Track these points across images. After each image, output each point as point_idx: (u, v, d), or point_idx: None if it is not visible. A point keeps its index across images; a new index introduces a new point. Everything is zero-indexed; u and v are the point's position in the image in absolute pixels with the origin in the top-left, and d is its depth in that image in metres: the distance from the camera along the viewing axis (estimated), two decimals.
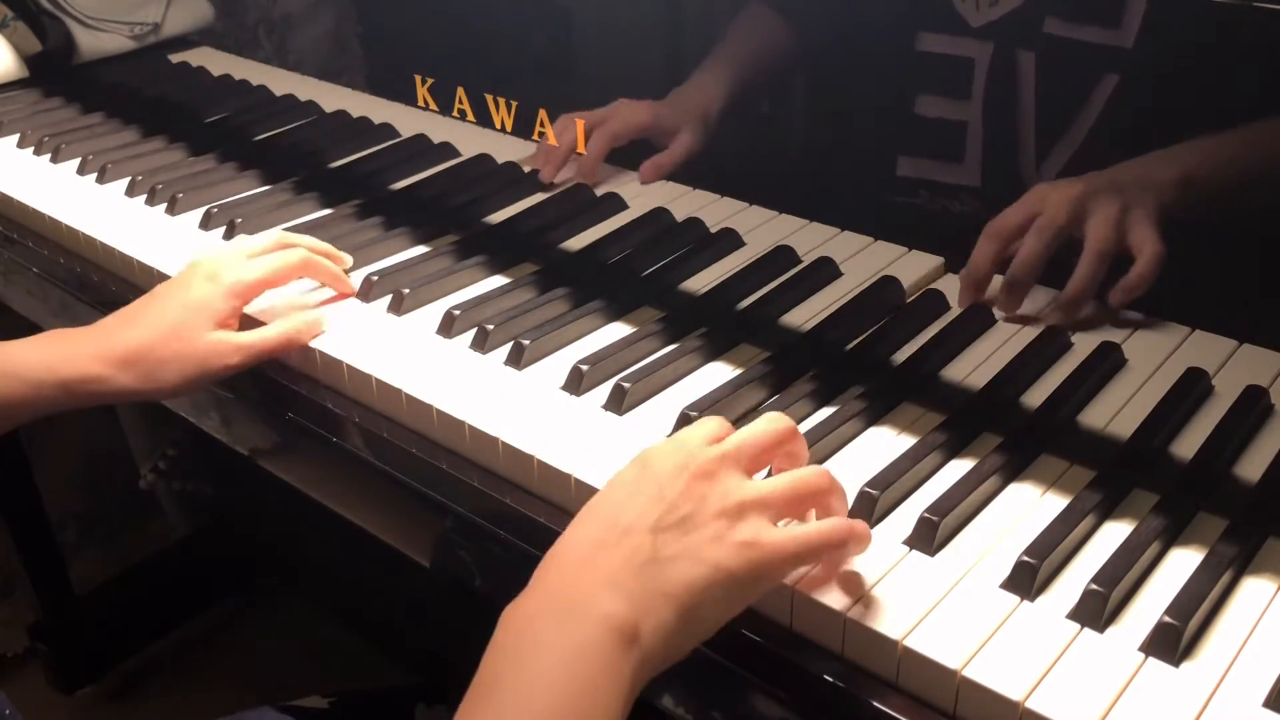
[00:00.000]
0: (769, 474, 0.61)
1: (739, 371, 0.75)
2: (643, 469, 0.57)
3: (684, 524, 0.54)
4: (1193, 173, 0.72)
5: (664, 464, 0.56)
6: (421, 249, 0.95)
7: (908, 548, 0.60)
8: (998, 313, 0.81)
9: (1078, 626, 0.55)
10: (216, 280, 0.80)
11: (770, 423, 0.59)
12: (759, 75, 0.95)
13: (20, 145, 1.19)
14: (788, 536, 0.55)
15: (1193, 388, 0.72)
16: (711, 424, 0.60)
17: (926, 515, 0.60)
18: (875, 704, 0.55)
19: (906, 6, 0.83)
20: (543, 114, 1.01)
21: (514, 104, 1.03)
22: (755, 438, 0.58)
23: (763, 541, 0.54)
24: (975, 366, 0.76)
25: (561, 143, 1.02)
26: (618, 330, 0.82)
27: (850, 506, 0.63)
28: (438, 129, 1.14)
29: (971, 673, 0.53)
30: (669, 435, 0.69)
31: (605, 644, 0.50)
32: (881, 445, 0.69)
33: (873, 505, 0.62)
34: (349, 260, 0.89)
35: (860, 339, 0.79)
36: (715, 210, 0.97)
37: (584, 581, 0.52)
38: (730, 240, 0.93)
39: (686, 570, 0.52)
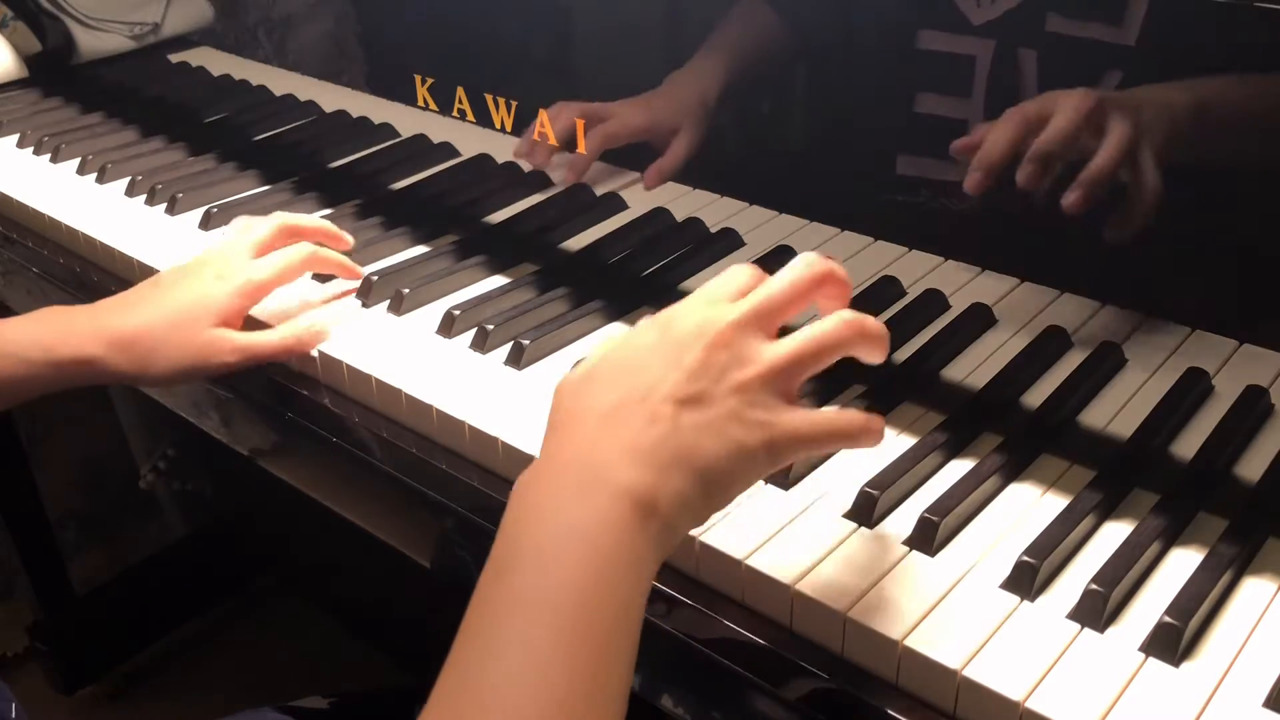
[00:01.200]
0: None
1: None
2: (663, 332, 0.55)
3: (702, 397, 0.52)
4: (1207, 101, 0.71)
5: (684, 326, 0.54)
6: (421, 249, 0.95)
7: (908, 548, 0.60)
8: (998, 311, 0.81)
9: (1078, 626, 0.55)
10: (226, 279, 0.79)
11: (802, 268, 0.56)
12: (754, 64, 0.95)
13: (20, 145, 1.19)
14: (804, 420, 0.53)
15: (1193, 388, 0.72)
16: (741, 275, 0.57)
17: (926, 515, 0.60)
18: (875, 704, 0.55)
19: (907, 4, 0.83)
20: (543, 114, 1.01)
21: (514, 104, 1.03)
22: (782, 291, 0.55)
23: (778, 422, 0.52)
24: (975, 366, 0.76)
25: (558, 138, 1.01)
26: (618, 330, 0.82)
27: (850, 507, 0.63)
28: (438, 129, 1.14)
29: (971, 673, 0.53)
30: None
31: (622, 515, 0.49)
32: (882, 445, 0.69)
33: (873, 505, 0.62)
34: (350, 240, 0.88)
35: None
36: (715, 210, 0.97)
37: (600, 450, 0.51)
38: (730, 240, 0.93)
39: (705, 443, 0.51)
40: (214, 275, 0.79)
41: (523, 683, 0.45)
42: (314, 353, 0.80)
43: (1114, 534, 0.61)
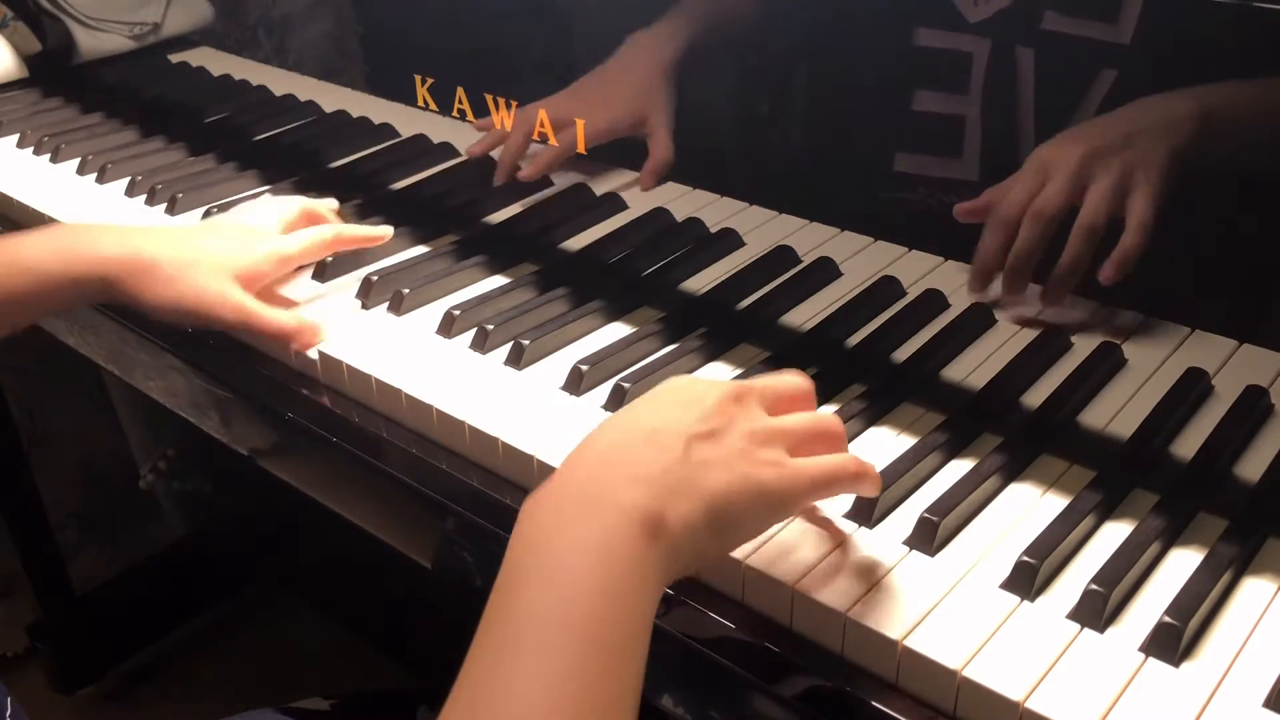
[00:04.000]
0: None
1: (739, 371, 0.76)
2: (672, 389, 0.57)
3: (714, 436, 0.54)
4: (1212, 106, 0.71)
5: (694, 385, 0.57)
6: (421, 249, 0.95)
7: (908, 548, 0.60)
8: (998, 313, 0.81)
9: (1078, 626, 0.55)
10: (256, 244, 0.82)
11: (792, 376, 0.61)
12: (721, 34, 0.94)
13: (20, 145, 1.19)
14: (810, 462, 0.56)
15: (1193, 388, 0.72)
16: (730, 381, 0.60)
17: (926, 515, 0.60)
18: (875, 704, 0.55)
19: (904, 2, 0.83)
20: (543, 114, 1.01)
21: (514, 104, 1.03)
22: (777, 384, 0.59)
23: (787, 463, 0.55)
24: (975, 366, 0.76)
25: (511, 140, 1.02)
26: (618, 330, 0.82)
27: (850, 507, 0.63)
28: (438, 129, 1.14)
29: (971, 673, 0.53)
30: None
31: (630, 535, 0.50)
32: (881, 445, 0.69)
33: (873, 505, 0.62)
34: (389, 231, 0.90)
35: (860, 339, 0.79)
36: (715, 210, 0.97)
37: (610, 475, 0.52)
38: (730, 240, 0.93)
39: (715, 475, 0.53)
40: (246, 237, 0.82)
41: (534, 698, 0.46)
42: (314, 353, 0.80)
43: (1114, 534, 0.61)
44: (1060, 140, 0.76)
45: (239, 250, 0.81)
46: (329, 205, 0.90)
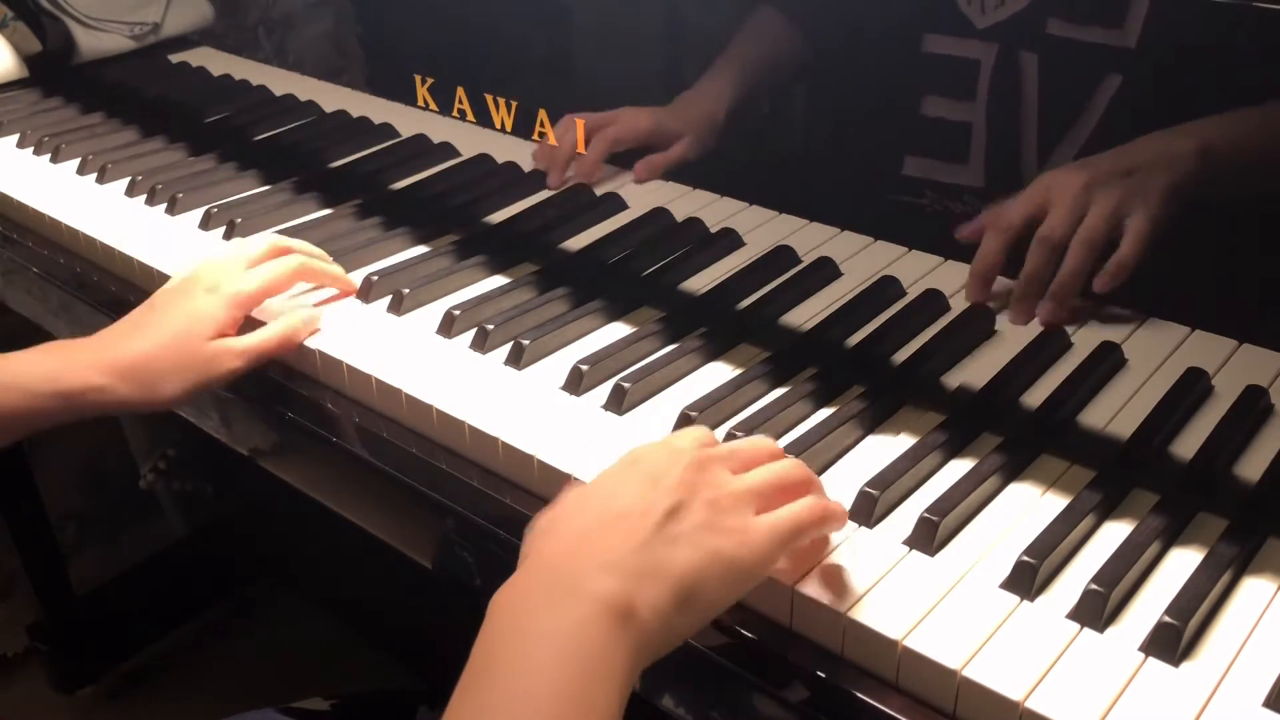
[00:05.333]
0: None
1: (739, 371, 0.75)
2: (634, 464, 0.57)
3: (678, 511, 0.54)
4: (1211, 142, 0.71)
5: (656, 457, 0.57)
6: (421, 249, 0.95)
7: (908, 548, 0.60)
8: (997, 313, 0.81)
9: (1078, 626, 0.55)
10: (218, 291, 0.80)
11: (757, 439, 0.61)
12: (765, 82, 0.95)
13: (20, 145, 1.19)
14: (774, 518, 0.56)
15: (1193, 388, 0.72)
16: (699, 430, 0.61)
17: (926, 515, 0.60)
18: (875, 704, 0.55)
19: (912, 8, 0.83)
20: (542, 114, 1.01)
21: (514, 104, 1.03)
22: (745, 446, 0.60)
23: (750, 527, 0.55)
24: (975, 366, 0.76)
25: (563, 144, 1.02)
26: (618, 330, 0.82)
27: (850, 506, 0.63)
28: (438, 129, 1.14)
29: (971, 673, 0.53)
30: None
31: (599, 624, 0.50)
32: (881, 445, 0.69)
33: (873, 505, 0.62)
34: (338, 268, 0.88)
35: (860, 339, 0.79)
36: (715, 210, 0.97)
37: (577, 563, 0.52)
38: (730, 240, 0.93)
39: (682, 554, 0.53)
40: (205, 290, 0.80)
41: None
42: (315, 353, 0.80)
43: (1114, 534, 0.61)
44: (1065, 168, 0.77)
45: (205, 305, 0.79)
46: (301, 243, 0.87)
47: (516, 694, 0.48)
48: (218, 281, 0.81)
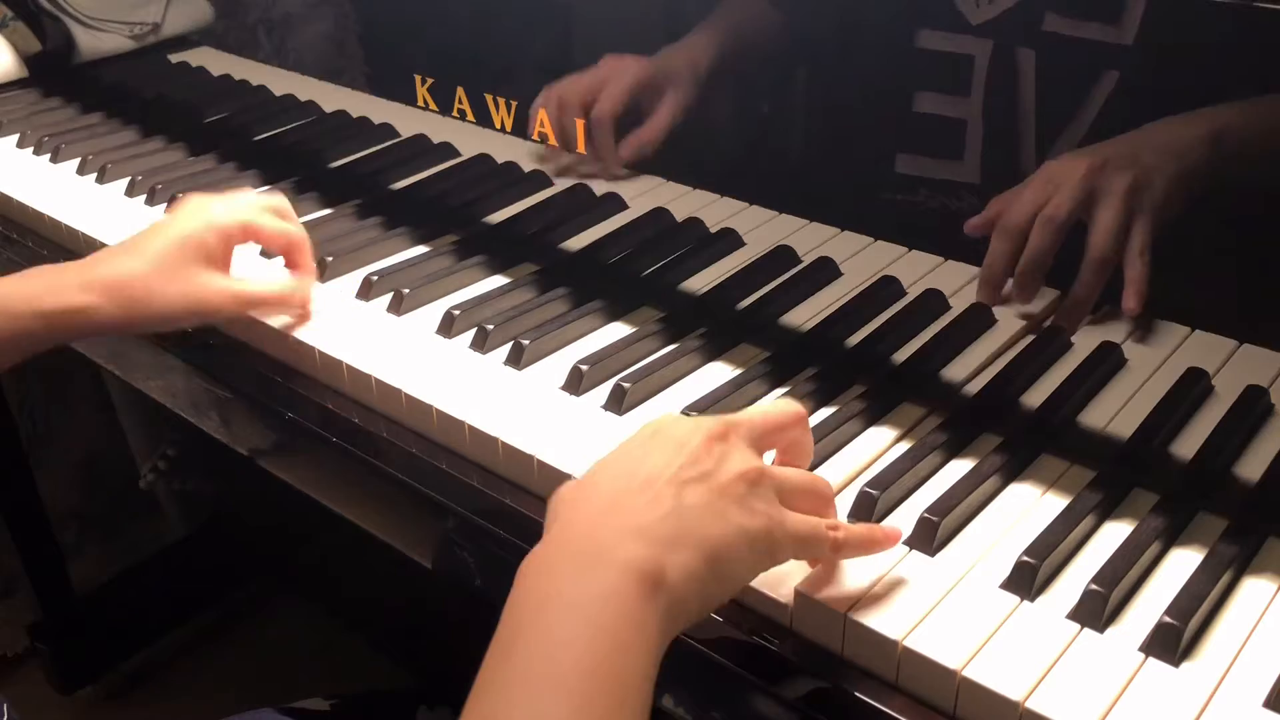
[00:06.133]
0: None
1: (739, 371, 0.75)
2: (656, 432, 0.56)
3: (706, 479, 0.53)
4: (1220, 129, 0.71)
5: (678, 427, 0.56)
6: (421, 249, 0.95)
7: (908, 548, 0.60)
8: (998, 311, 0.81)
9: (1078, 626, 0.55)
10: (204, 214, 0.79)
11: (782, 405, 0.59)
12: (748, 47, 0.94)
13: (20, 145, 1.19)
14: (800, 520, 0.55)
15: (1193, 388, 0.72)
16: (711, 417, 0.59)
17: (926, 515, 0.60)
18: (875, 704, 0.55)
19: (906, 4, 0.83)
20: (542, 114, 1.01)
21: (514, 104, 1.03)
22: (766, 416, 0.58)
23: (774, 514, 0.54)
24: (975, 366, 0.76)
25: (564, 124, 1.01)
26: (618, 330, 0.82)
27: (850, 507, 0.63)
28: (438, 129, 1.14)
29: (971, 673, 0.53)
30: None
31: (629, 591, 0.48)
32: (881, 445, 0.69)
33: (873, 505, 0.62)
34: (313, 277, 0.86)
35: (860, 339, 0.79)
36: (715, 210, 0.97)
37: (605, 529, 0.51)
38: (730, 240, 0.93)
39: (711, 523, 0.52)
40: (192, 212, 0.80)
41: None
42: (315, 353, 0.80)
43: (1114, 534, 0.61)
44: (1069, 154, 0.76)
45: (196, 228, 0.78)
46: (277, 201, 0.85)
47: (547, 664, 0.47)
48: (206, 204, 0.80)
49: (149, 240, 0.79)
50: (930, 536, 0.60)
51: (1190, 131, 0.72)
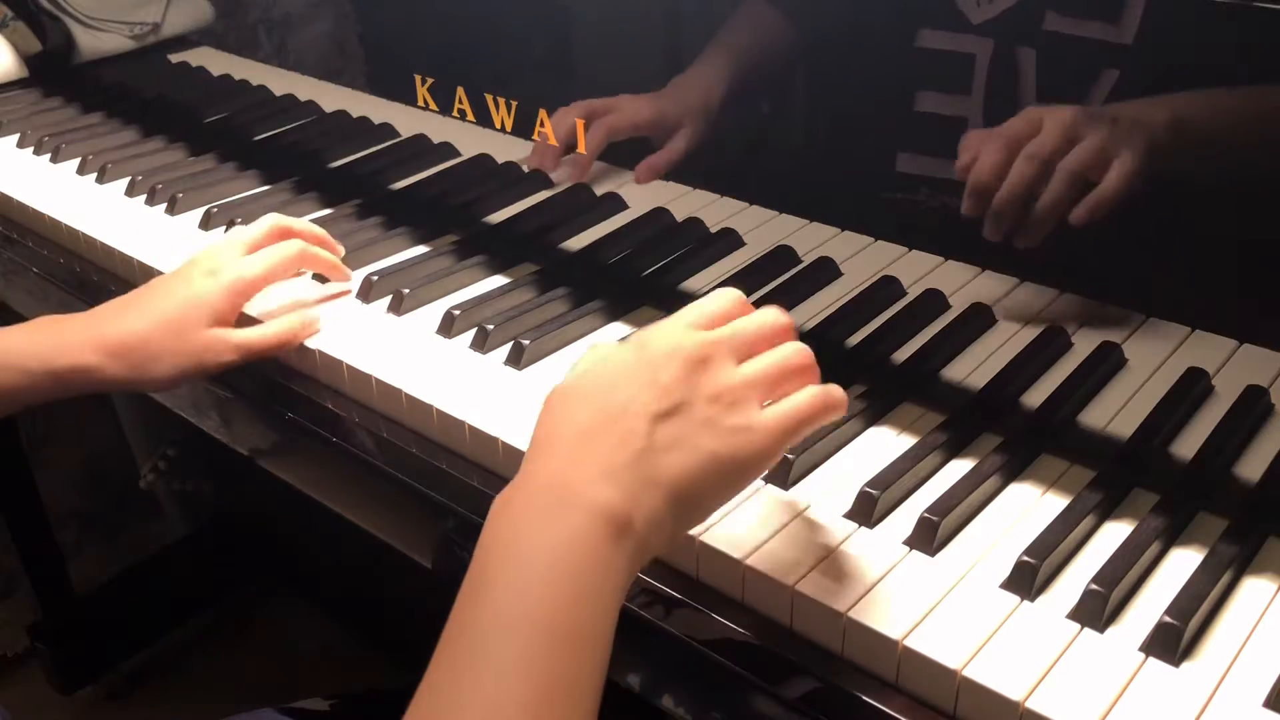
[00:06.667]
0: None
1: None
2: (640, 351, 0.56)
3: (677, 411, 0.53)
4: (1183, 118, 0.72)
5: (660, 347, 0.55)
6: (421, 249, 0.95)
7: (908, 548, 0.60)
8: (998, 311, 0.81)
9: (1078, 626, 0.55)
10: (217, 276, 0.79)
11: (770, 314, 0.59)
12: (758, 69, 0.95)
13: (20, 145, 1.19)
14: (775, 414, 0.55)
15: (1193, 388, 0.72)
16: (723, 300, 0.59)
17: (926, 515, 0.60)
18: (875, 704, 0.55)
19: (907, 3, 0.83)
20: (543, 114, 1.01)
21: (514, 104, 1.03)
22: (752, 327, 0.58)
23: (754, 425, 0.54)
24: (975, 366, 0.76)
25: (559, 140, 1.02)
26: (618, 330, 0.82)
27: (850, 507, 0.63)
28: (438, 129, 1.14)
29: (971, 673, 0.53)
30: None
31: (596, 534, 0.50)
32: (881, 445, 0.69)
33: (873, 505, 0.62)
34: (341, 250, 0.88)
35: (860, 339, 0.79)
36: (715, 210, 0.97)
37: (575, 470, 0.52)
38: (730, 240, 0.93)
39: (681, 458, 0.52)
40: (204, 273, 0.80)
41: (497, 699, 0.46)
42: (315, 353, 0.80)
43: (1114, 534, 0.61)
44: (1054, 106, 0.76)
45: (204, 289, 0.79)
46: (304, 224, 0.86)
47: (516, 603, 0.48)
48: (217, 266, 0.80)
49: (158, 299, 0.79)
50: (930, 536, 0.60)
51: (1155, 114, 0.72)
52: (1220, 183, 0.74)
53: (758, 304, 0.83)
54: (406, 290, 0.85)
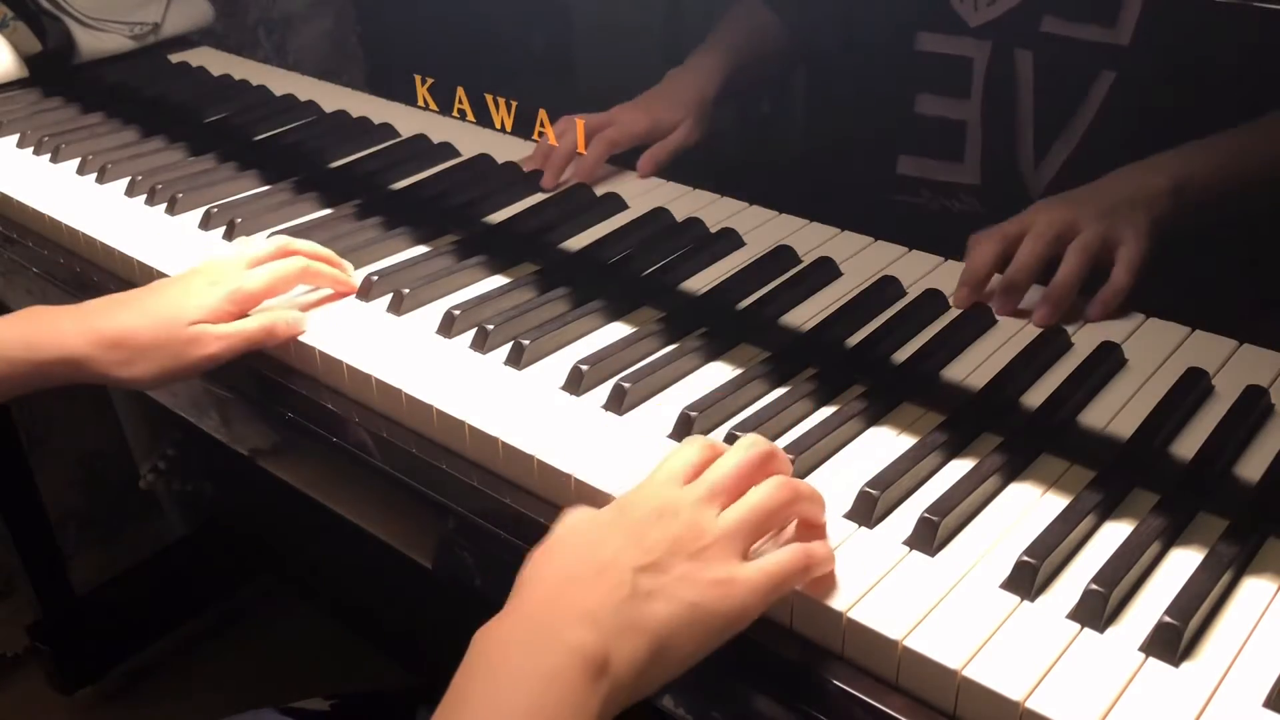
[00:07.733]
0: None
1: (739, 371, 0.75)
2: (622, 513, 0.57)
3: (660, 565, 0.54)
4: (1183, 180, 0.72)
5: (643, 509, 0.57)
6: (421, 249, 0.95)
7: (908, 548, 0.60)
8: (998, 312, 0.81)
9: (1078, 626, 0.55)
10: (218, 285, 0.80)
11: (747, 449, 0.60)
12: (755, 63, 0.95)
13: (20, 145, 1.19)
14: (757, 571, 0.55)
15: (1193, 388, 0.72)
16: (693, 450, 0.60)
17: (926, 515, 0.60)
18: (875, 704, 0.55)
19: (905, 7, 0.83)
20: (543, 114, 1.01)
21: (514, 104, 1.03)
22: (732, 469, 0.58)
23: (736, 578, 0.55)
24: (975, 366, 0.76)
25: (561, 145, 1.02)
26: (618, 330, 0.82)
27: (850, 507, 0.63)
28: (438, 129, 1.14)
29: (971, 673, 0.53)
30: (668, 436, 0.69)
31: (574, 674, 0.50)
32: (881, 445, 0.69)
33: (873, 505, 0.62)
34: (350, 267, 0.89)
35: (860, 339, 0.79)
36: (715, 210, 0.97)
37: (558, 612, 0.53)
38: (730, 240, 0.93)
39: (662, 608, 0.53)
40: (207, 283, 0.81)
41: None
42: (315, 353, 0.80)
43: (1114, 534, 0.61)
44: (1058, 199, 0.77)
45: (203, 295, 0.79)
46: (310, 245, 0.87)
47: None
48: (220, 277, 0.81)
49: (155, 300, 0.80)
50: (930, 536, 0.60)
51: (1155, 182, 0.73)
52: (1226, 218, 0.74)
53: (758, 303, 0.84)
54: (406, 290, 0.85)
